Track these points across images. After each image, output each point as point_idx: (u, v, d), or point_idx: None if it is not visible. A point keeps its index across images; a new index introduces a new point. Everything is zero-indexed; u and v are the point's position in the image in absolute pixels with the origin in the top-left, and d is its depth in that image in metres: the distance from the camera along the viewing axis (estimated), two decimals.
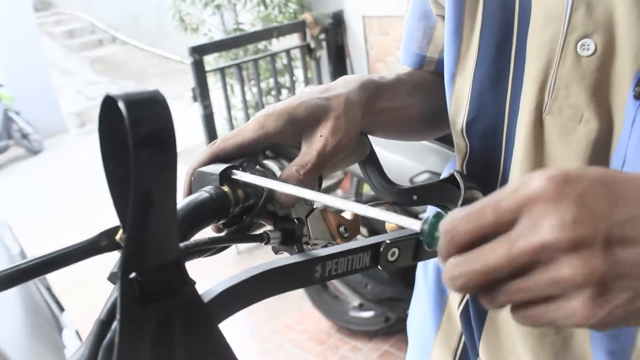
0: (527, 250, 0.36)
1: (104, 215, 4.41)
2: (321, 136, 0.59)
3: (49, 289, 1.91)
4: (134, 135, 0.32)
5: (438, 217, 0.40)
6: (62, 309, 1.84)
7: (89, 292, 3.25)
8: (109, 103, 0.35)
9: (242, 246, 3.52)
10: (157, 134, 0.33)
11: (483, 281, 0.37)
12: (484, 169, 0.68)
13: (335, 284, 2.48)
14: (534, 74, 0.60)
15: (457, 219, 0.38)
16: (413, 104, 0.73)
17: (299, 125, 0.59)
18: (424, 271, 0.85)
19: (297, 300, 2.92)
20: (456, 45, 0.67)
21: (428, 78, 0.79)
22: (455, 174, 0.62)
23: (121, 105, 0.33)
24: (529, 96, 0.60)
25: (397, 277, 2.28)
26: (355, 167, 0.72)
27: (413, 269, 0.89)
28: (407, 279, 2.25)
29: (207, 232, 0.53)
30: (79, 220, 4.64)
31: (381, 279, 2.31)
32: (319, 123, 0.60)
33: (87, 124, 8.01)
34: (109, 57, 10.45)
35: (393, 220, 0.43)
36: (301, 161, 0.58)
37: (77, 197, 5.28)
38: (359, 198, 2.36)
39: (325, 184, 1.67)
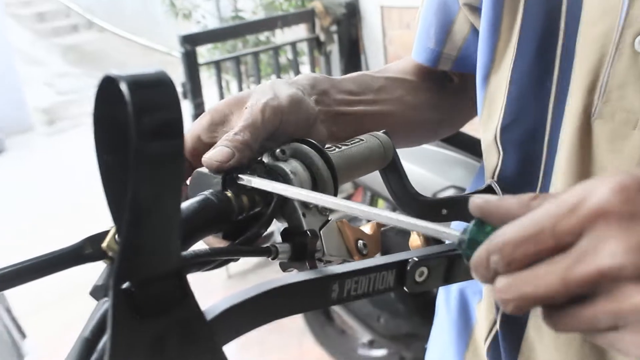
0: (584, 278, 0.36)
1: (71, 223, 4.38)
2: (246, 108, 0.62)
3: (9, 312, 1.92)
4: (137, 124, 0.33)
5: (479, 227, 0.40)
6: (23, 335, 1.84)
7: (53, 317, 3.25)
8: (107, 84, 0.35)
9: (234, 269, 3.52)
10: (164, 123, 0.34)
11: (538, 305, 0.38)
12: (519, 182, 0.68)
13: (343, 316, 2.48)
14: (583, 73, 0.60)
15: (510, 244, 0.38)
16: (385, 98, 0.76)
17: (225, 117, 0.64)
18: (446, 298, 0.85)
19: (296, 334, 2.91)
20: (493, 41, 0.68)
21: (420, 83, 0.83)
22: (492, 185, 0.63)
23: (123, 87, 0.33)
24: (575, 98, 0.61)
25: (415, 309, 2.28)
26: (369, 180, 0.73)
27: (435, 300, 0.89)
28: (427, 312, 2.25)
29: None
30: (43, 230, 4.64)
31: (396, 312, 2.31)
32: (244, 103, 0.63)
33: (57, 121, 8.04)
34: (85, 45, 10.52)
35: (426, 227, 0.44)
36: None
37: (42, 204, 5.29)
38: None
39: None
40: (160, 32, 9.07)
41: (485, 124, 0.71)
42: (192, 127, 0.63)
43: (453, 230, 0.42)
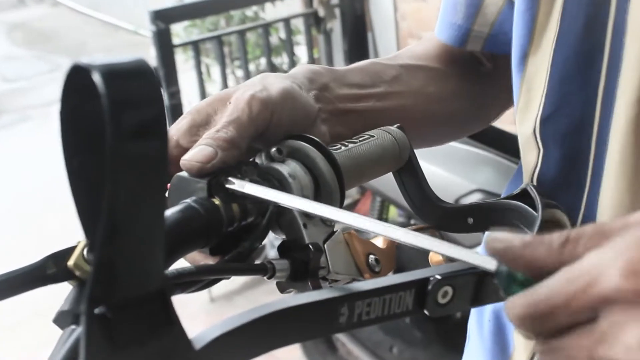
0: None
1: (28, 241, 4.39)
2: (229, 103, 0.63)
3: None
4: (114, 121, 0.33)
5: None
6: None
7: (21, 339, 3.25)
8: (77, 74, 0.36)
9: (217, 290, 3.52)
10: (145, 121, 0.34)
11: None
12: (563, 184, 0.69)
13: (348, 345, 2.48)
14: (635, 55, 0.61)
15: (528, 319, 0.41)
16: (401, 90, 0.77)
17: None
18: (479, 321, 0.86)
19: None
20: (531, 14, 0.68)
21: (450, 70, 0.84)
22: (528, 188, 0.63)
23: (97, 78, 0.33)
24: (627, 85, 0.61)
25: (434, 336, 2.28)
26: (379, 183, 0.73)
27: (458, 325, 0.90)
28: (449, 339, 2.25)
29: None
30: None
31: (412, 340, 2.31)
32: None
33: (1, 114, 8.04)
34: (34, 22, 10.51)
35: (452, 254, 0.45)
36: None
37: None
38: None
39: None
40: (126, 6, 9.07)
41: (523, 115, 0.72)
42: (169, 131, 0.64)
43: (487, 259, 0.43)
